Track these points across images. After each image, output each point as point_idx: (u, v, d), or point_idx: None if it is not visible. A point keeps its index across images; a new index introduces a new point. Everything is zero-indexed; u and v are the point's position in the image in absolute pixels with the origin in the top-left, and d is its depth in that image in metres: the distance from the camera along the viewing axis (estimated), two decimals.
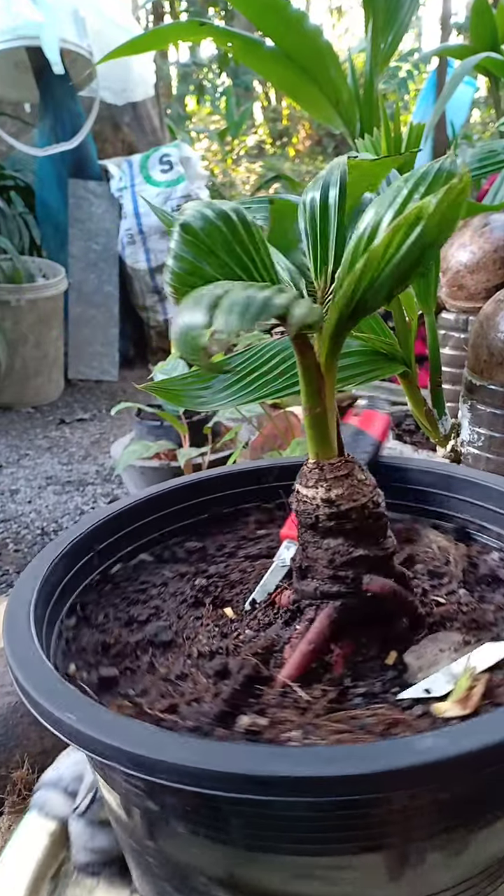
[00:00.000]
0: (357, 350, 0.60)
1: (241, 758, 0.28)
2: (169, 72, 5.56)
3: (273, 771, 0.27)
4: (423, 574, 0.47)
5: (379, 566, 0.40)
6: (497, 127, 1.24)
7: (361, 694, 0.36)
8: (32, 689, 0.32)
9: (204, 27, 0.82)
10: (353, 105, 0.91)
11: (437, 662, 0.36)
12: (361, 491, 0.39)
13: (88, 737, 0.29)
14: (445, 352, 1.02)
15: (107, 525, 0.49)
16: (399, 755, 0.27)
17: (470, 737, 0.27)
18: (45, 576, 0.42)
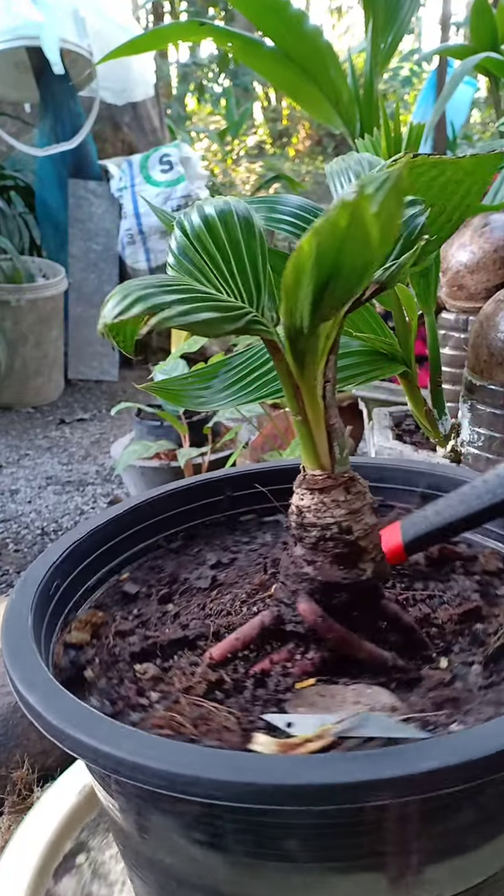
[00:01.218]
0: (357, 350, 0.60)
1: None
2: (169, 72, 5.56)
3: None
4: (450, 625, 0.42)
5: (346, 592, 0.37)
6: (497, 127, 1.24)
7: (242, 695, 0.36)
8: (33, 700, 0.32)
9: (204, 27, 0.82)
10: (353, 105, 0.91)
11: (331, 709, 0.34)
12: (331, 512, 0.37)
13: (91, 747, 0.29)
14: (445, 352, 1.02)
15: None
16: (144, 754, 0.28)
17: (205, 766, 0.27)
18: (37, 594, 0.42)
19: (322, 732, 0.31)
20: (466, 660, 0.38)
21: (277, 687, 0.37)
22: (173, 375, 0.51)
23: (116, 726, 0.31)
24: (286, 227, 0.49)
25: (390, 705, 0.33)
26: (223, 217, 0.40)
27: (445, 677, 0.36)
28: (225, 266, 0.39)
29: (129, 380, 2.96)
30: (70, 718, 0.31)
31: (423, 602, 0.44)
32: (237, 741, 0.32)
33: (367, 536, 0.38)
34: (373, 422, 1.06)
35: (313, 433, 0.37)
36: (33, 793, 0.76)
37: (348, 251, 0.27)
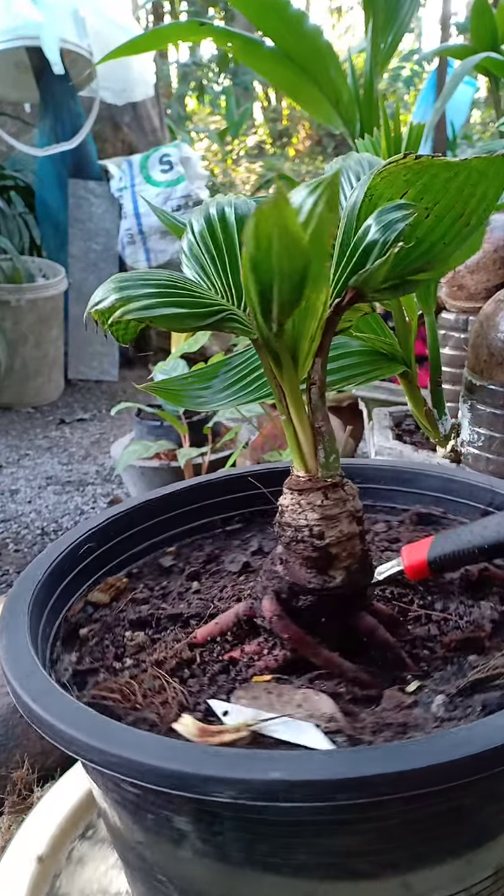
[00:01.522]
0: (357, 350, 0.60)
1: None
2: (169, 72, 5.56)
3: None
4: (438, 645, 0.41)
5: (312, 596, 0.37)
6: (497, 127, 1.24)
7: (204, 677, 0.38)
8: (32, 701, 0.32)
9: (204, 27, 0.82)
10: (353, 105, 0.91)
11: (272, 706, 0.34)
12: (305, 515, 0.37)
13: (90, 747, 0.29)
14: (445, 352, 1.02)
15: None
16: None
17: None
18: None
19: (240, 726, 0.32)
20: (438, 688, 0.36)
21: (238, 676, 0.37)
22: (173, 375, 0.51)
23: (67, 700, 0.32)
24: None
25: (329, 715, 0.33)
26: (221, 216, 0.40)
27: (406, 701, 0.35)
28: (220, 264, 0.39)
29: (129, 380, 2.96)
30: (37, 696, 0.32)
31: (435, 622, 0.42)
32: (170, 718, 0.33)
33: (340, 544, 0.37)
34: (373, 422, 1.06)
35: (297, 435, 0.37)
36: (33, 793, 0.76)
37: (277, 257, 0.28)
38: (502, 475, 0.78)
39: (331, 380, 0.57)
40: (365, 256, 0.34)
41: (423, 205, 0.34)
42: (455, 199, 0.33)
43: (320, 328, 0.35)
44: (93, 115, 2.79)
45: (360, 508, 0.39)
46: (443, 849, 0.31)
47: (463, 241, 0.35)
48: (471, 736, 0.27)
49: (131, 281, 0.35)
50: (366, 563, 0.39)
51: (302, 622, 0.38)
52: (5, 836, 0.70)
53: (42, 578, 0.42)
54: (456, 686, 0.35)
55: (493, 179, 0.33)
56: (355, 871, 0.30)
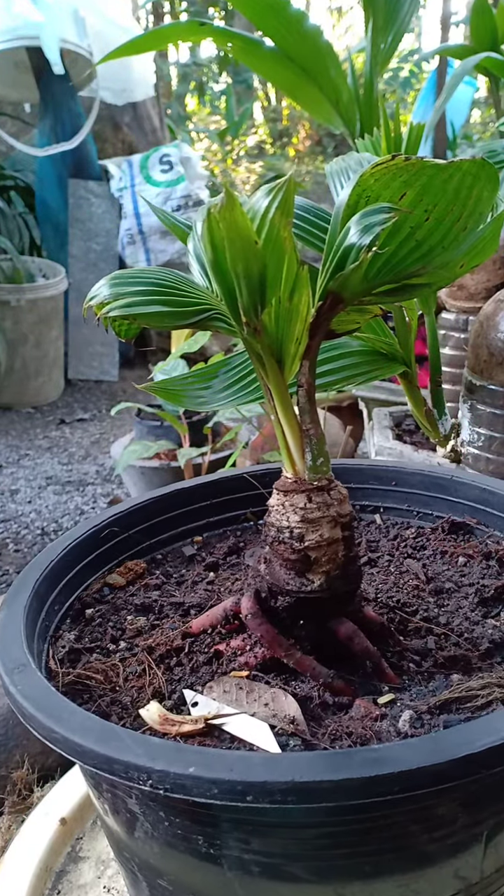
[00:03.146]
0: (357, 350, 0.60)
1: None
2: (169, 72, 5.56)
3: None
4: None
5: (289, 598, 0.37)
6: (497, 127, 1.24)
7: (189, 666, 0.39)
8: (31, 707, 0.32)
9: (204, 27, 0.82)
10: (353, 105, 0.91)
11: (238, 701, 0.35)
12: (287, 516, 0.37)
13: (89, 750, 0.30)
14: (445, 352, 1.02)
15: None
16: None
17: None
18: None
19: (199, 719, 0.33)
20: (411, 703, 0.35)
21: (219, 669, 0.38)
22: (173, 375, 0.51)
23: (36, 678, 0.33)
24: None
25: (291, 717, 0.33)
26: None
27: (374, 713, 0.34)
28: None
29: (129, 380, 2.96)
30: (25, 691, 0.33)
31: (435, 636, 0.41)
32: (141, 704, 0.35)
33: (319, 548, 0.37)
34: (373, 422, 1.06)
35: (286, 436, 0.37)
36: (33, 793, 0.76)
37: (234, 261, 0.28)
38: (502, 475, 0.77)
39: (331, 380, 0.57)
40: (343, 260, 0.33)
41: (423, 207, 0.33)
42: (452, 202, 0.33)
43: (306, 331, 0.34)
44: (93, 115, 2.79)
45: (346, 514, 0.38)
46: (370, 868, 0.31)
47: (460, 244, 0.35)
48: (382, 757, 0.27)
49: (124, 278, 0.36)
50: (349, 569, 0.38)
51: (279, 622, 0.38)
52: (5, 836, 0.70)
53: (60, 555, 0.44)
54: (428, 703, 0.34)
55: (486, 182, 0.33)
56: (284, 875, 0.31)
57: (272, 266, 0.29)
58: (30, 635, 0.38)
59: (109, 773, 0.28)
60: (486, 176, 0.32)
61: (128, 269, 0.37)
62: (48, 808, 0.55)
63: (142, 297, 0.35)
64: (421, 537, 0.52)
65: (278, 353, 0.35)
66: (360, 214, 0.32)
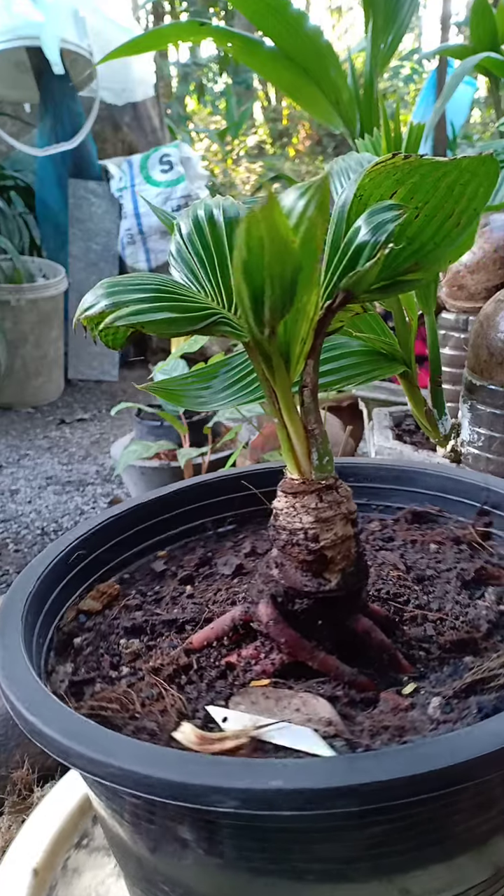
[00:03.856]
0: (357, 350, 0.60)
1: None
2: (169, 72, 5.56)
3: None
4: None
5: (308, 600, 0.37)
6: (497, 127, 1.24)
7: (202, 683, 0.37)
8: (27, 711, 0.32)
9: (204, 27, 0.82)
10: (353, 105, 0.91)
11: (270, 711, 0.34)
12: (300, 518, 0.37)
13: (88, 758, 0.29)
14: (445, 352, 1.02)
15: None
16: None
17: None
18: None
19: (240, 733, 0.31)
20: (434, 690, 0.36)
21: (235, 681, 0.37)
22: (173, 375, 0.51)
23: (66, 712, 0.31)
24: None
25: (327, 720, 0.33)
26: (210, 218, 0.40)
27: (403, 703, 0.34)
28: (209, 266, 0.39)
29: (129, 380, 2.96)
30: (35, 707, 0.31)
31: (432, 623, 0.41)
32: (169, 727, 0.33)
33: (335, 546, 0.37)
34: (373, 422, 1.06)
35: (290, 437, 0.37)
36: (33, 793, 0.76)
37: (269, 260, 0.27)
38: (502, 475, 0.77)
39: (331, 380, 0.57)
40: (356, 258, 0.33)
41: (413, 204, 0.33)
42: (445, 199, 0.33)
43: (312, 330, 0.35)
44: (93, 115, 2.79)
45: (354, 510, 0.38)
46: (435, 853, 0.31)
47: (453, 240, 0.35)
48: (463, 743, 0.27)
49: (121, 286, 0.35)
50: (360, 564, 0.38)
51: (298, 626, 0.38)
52: (5, 836, 0.70)
53: (33, 589, 0.41)
54: (452, 688, 0.35)
55: (483, 178, 0.33)
56: (351, 877, 0.31)
57: (306, 266, 0.29)
58: (37, 673, 0.37)
59: (183, 800, 0.26)
60: (484, 173, 0.32)
61: (120, 277, 0.36)
62: (19, 859, 0.52)
63: (148, 304, 0.34)
64: (386, 529, 0.53)
65: (285, 354, 0.35)
66: (369, 212, 0.33)
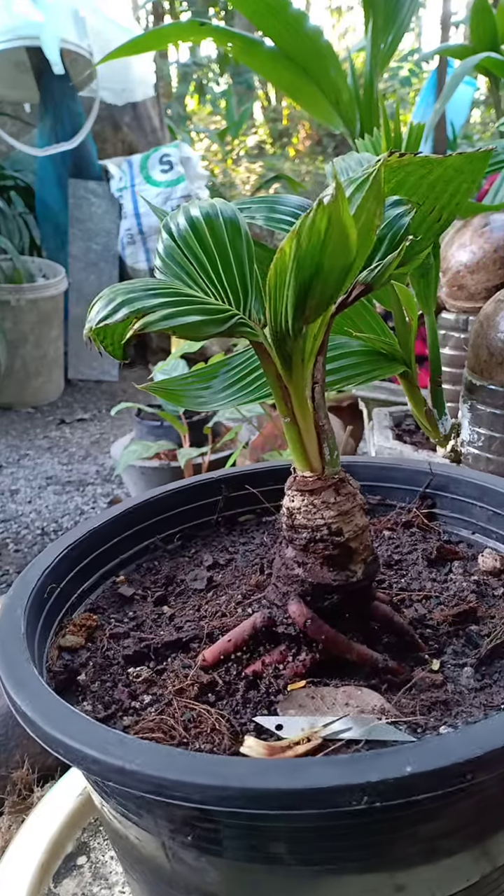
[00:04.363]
0: (357, 350, 0.60)
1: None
2: (169, 72, 5.56)
3: None
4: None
5: (336, 594, 0.37)
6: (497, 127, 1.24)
7: (234, 697, 0.36)
8: (24, 705, 0.32)
9: (204, 27, 0.82)
10: (353, 105, 0.91)
11: (321, 711, 0.34)
12: (321, 514, 0.37)
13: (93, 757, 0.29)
14: (445, 352, 1.02)
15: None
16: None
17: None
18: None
19: (310, 735, 0.31)
20: (459, 662, 0.38)
21: (269, 689, 0.37)
22: (173, 375, 0.51)
23: (107, 732, 0.30)
24: (286, 227, 0.49)
25: (380, 707, 0.33)
26: (208, 219, 0.39)
27: (437, 679, 0.36)
28: (211, 268, 0.38)
29: (129, 380, 2.96)
30: (60, 725, 0.30)
31: (419, 602, 0.43)
32: (227, 744, 0.32)
33: (357, 538, 0.38)
34: (373, 422, 1.06)
35: (303, 435, 0.37)
36: (33, 793, 0.76)
37: (328, 253, 0.28)
38: (503, 475, 0.77)
39: (331, 380, 0.57)
40: (373, 252, 0.34)
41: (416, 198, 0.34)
42: (426, 195, 0.34)
43: (324, 326, 0.35)
44: (93, 115, 2.79)
45: (364, 501, 0.39)
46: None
47: (435, 235, 0.35)
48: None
49: (137, 292, 0.34)
50: (375, 553, 0.40)
51: (329, 622, 0.38)
52: (5, 836, 0.70)
53: (21, 625, 0.39)
54: (475, 657, 0.37)
55: (468, 175, 0.33)
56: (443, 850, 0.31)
57: (360, 256, 0.29)
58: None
59: (306, 807, 0.26)
60: (469, 170, 0.33)
61: (127, 283, 0.35)
62: (16, 856, 0.51)
63: (177, 308, 0.34)
64: None
65: (301, 352, 0.35)
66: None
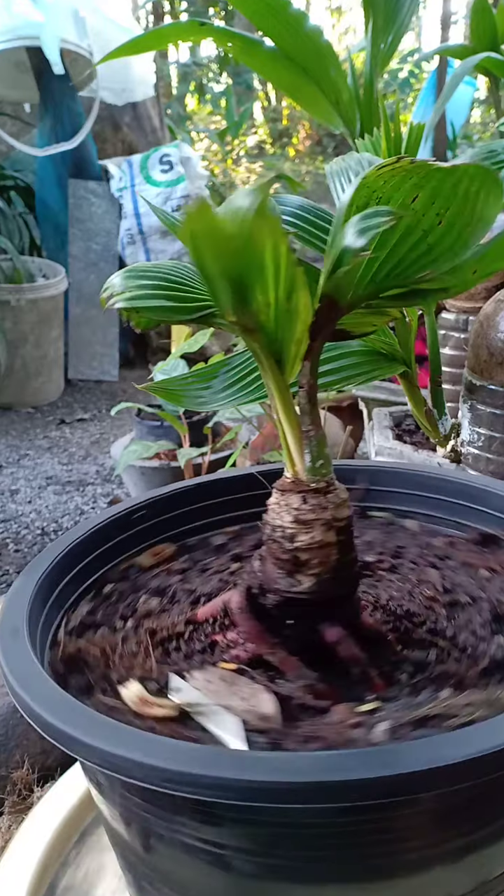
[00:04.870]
0: (357, 350, 0.60)
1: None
2: (169, 72, 5.56)
3: None
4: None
5: (277, 597, 0.37)
6: (497, 127, 1.24)
7: (185, 652, 0.39)
8: (34, 703, 0.31)
9: (204, 27, 0.82)
10: (353, 105, 0.91)
11: (218, 693, 0.34)
12: (281, 516, 0.37)
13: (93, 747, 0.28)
14: (445, 352, 1.02)
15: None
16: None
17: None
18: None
19: (175, 706, 0.33)
20: (392, 714, 0.33)
21: (211, 659, 0.38)
22: (173, 375, 0.51)
23: (84, 709, 0.31)
24: (286, 227, 0.49)
25: (265, 715, 0.33)
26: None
27: (351, 720, 0.33)
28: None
29: (129, 380, 2.96)
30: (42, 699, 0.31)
31: (438, 649, 0.38)
32: (126, 681, 0.35)
33: (310, 550, 0.36)
34: (373, 422, 1.06)
35: (286, 435, 0.37)
36: (33, 793, 0.76)
37: (210, 262, 0.28)
38: (502, 475, 0.77)
39: (331, 380, 0.57)
40: (338, 263, 0.33)
41: (435, 210, 0.33)
42: (463, 204, 0.33)
43: (305, 330, 0.34)
44: (93, 115, 2.79)
45: (343, 517, 0.37)
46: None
47: (469, 248, 0.35)
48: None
49: (136, 272, 0.37)
50: (342, 573, 0.37)
51: (269, 620, 0.38)
52: (5, 836, 0.70)
53: (86, 535, 0.44)
54: (409, 716, 0.32)
55: (492, 186, 0.33)
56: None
57: (253, 270, 0.29)
58: (41, 604, 0.39)
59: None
60: (490, 180, 0.32)
61: (145, 263, 0.38)
62: (15, 856, 0.51)
63: (146, 291, 0.36)
64: (451, 547, 0.50)
65: (278, 354, 0.35)
66: (359, 217, 0.32)
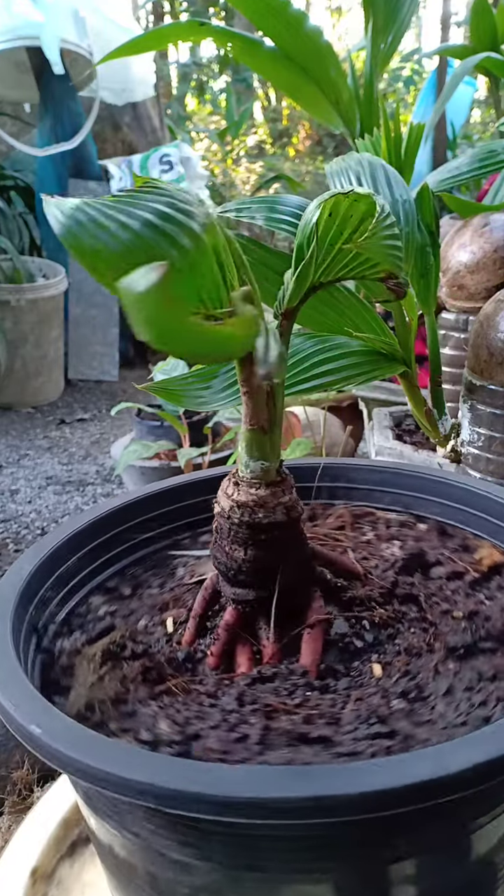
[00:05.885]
0: (357, 350, 0.60)
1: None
2: (169, 72, 5.56)
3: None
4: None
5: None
6: (497, 127, 1.24)
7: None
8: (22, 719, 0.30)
9: (204, 27, 0.82)
10: (353, 105, 0.91)
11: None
12: (220, 502, 0.38)
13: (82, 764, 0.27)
14: (445, 352, 1.02)
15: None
16: None
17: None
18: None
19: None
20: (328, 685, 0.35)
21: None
22: (173, 375, 0.51)
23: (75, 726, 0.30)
24: (286, 227, 0.49)
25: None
26: None
27: (270, 671, 0.35)
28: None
29: (129, 380, 2.96)
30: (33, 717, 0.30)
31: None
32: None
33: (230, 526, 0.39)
34: (373, 422, 1.06)
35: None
36: (33, 793, 0.76)
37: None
38: (502, 475, 0.78)
39: (331, 380, 0.57)
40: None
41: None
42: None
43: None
44: (93, 115, 2.79)
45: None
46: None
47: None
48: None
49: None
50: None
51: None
52: (5, 836, 0.70)
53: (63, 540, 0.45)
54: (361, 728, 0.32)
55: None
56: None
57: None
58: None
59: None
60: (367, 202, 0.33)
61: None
62: (14, 856, 0.51)
63: None
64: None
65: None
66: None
